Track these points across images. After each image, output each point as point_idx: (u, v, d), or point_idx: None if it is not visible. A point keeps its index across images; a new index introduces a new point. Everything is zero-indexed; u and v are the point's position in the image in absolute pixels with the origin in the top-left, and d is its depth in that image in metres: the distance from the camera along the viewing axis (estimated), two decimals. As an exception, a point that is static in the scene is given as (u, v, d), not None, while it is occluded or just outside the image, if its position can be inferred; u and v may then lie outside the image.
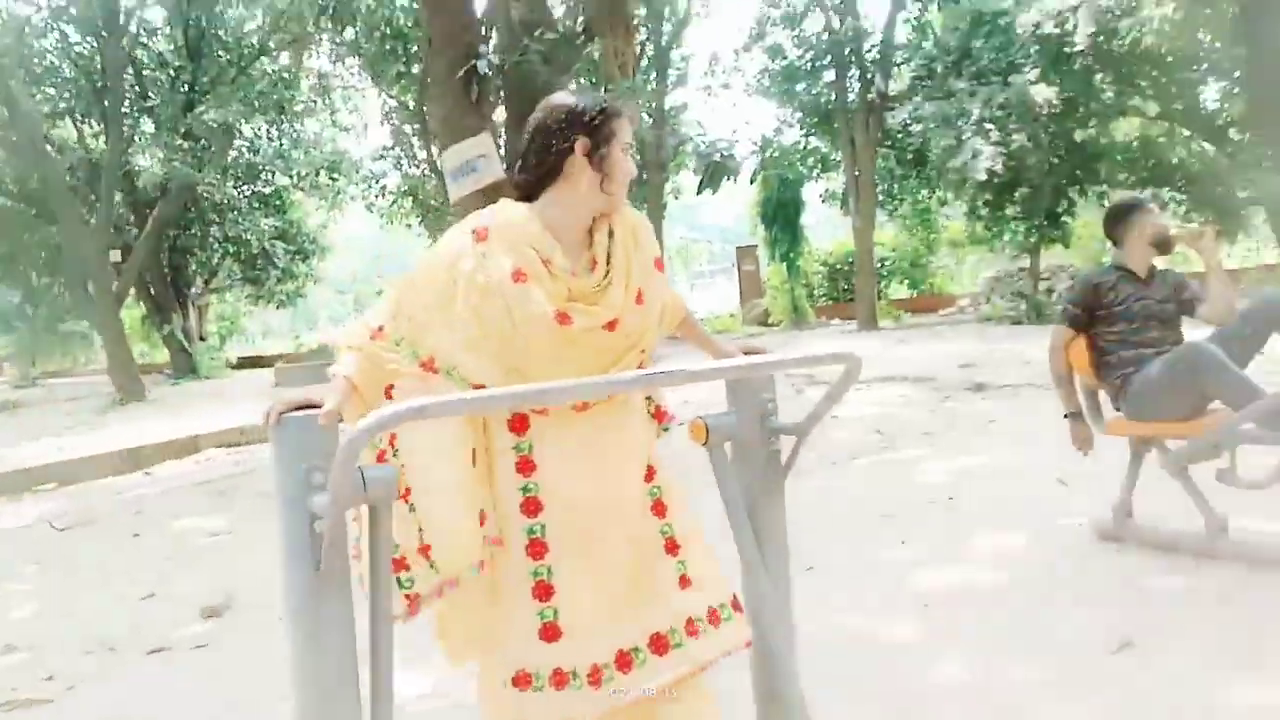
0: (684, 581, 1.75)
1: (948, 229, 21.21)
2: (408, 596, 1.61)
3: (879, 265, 19.45)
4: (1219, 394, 3.13)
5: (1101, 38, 13.00)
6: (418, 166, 17.67)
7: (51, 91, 17.96)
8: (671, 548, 1.77)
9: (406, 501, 1.59)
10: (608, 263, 1.69)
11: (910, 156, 17.43)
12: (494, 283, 1.58)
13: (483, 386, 1.58)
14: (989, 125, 13.53)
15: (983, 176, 13.33)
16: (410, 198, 18.70)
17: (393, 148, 18.22)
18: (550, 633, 1.60)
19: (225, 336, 24.99)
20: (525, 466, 1.65)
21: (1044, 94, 13.20)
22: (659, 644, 1.67)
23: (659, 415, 1.91)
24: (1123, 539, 3.47)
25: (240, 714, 2.81)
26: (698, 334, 1.99)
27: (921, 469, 5.23)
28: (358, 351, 1.60)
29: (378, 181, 19.38)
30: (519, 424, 1.65)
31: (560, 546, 1.64)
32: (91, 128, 18.87)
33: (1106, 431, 3.57)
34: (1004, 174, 13.55)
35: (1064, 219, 15.03)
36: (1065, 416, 3.62)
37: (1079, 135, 14.43)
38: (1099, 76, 14.11)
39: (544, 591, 1.62)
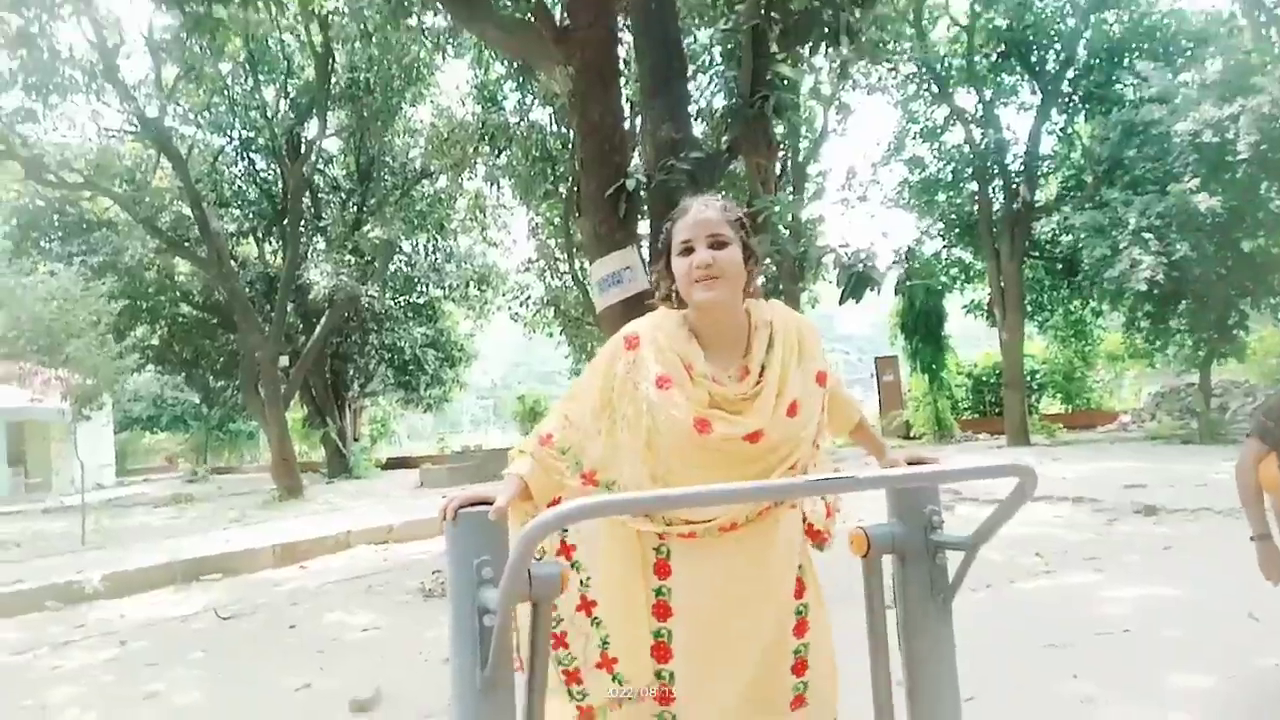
0: (798, 701, 1.73)
1: (1104, 341, 20.19)
2: (580, 709, 1.64)
3: (1029, 378, 18.63)
4: None
5: (1265, 146, 12.35)
6: (560, 278, 18.41)
7: (237, 213, 19.94)
8: (800, 668, 1.74)
9: (590, 615, 1.64)
10: (761, 373, 1.70)
11: (1060, 266, 16.87)
12: (640, 389, 1.63)
13: None
14: (1147, 235, 12.97)
15: (1143, 287, 12.71)
16: (553, 308, 19.43)
17: (537, 260, 19.11)
18: None
19: (376, 438, 26.31)
20: (661, 570, 1.67)
21: (1206, 203, 12.59)
22: None
23: (812, 534, 1.87)
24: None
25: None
26: (871, 440, 1.96)
27: (1090, 597, 4.85)
28: (530, 456, 1.67)
29: (523, 292, 20.29)
30: (660, 533, 1.66)
31: (685, 654, 1.65)
32: (271, 245, 20.78)
33: (1307, 560, 3.23)
34: (1166, 284, 12.87)
35: (1236, 332, 14.07)
36: (1252, 539, 3.31)
37: (1246, 245, 13.61)
38: (1265, 185, 13.37)
39: (664, 697, 1.64)
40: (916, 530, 1.85)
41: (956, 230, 18.14)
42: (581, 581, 1.66)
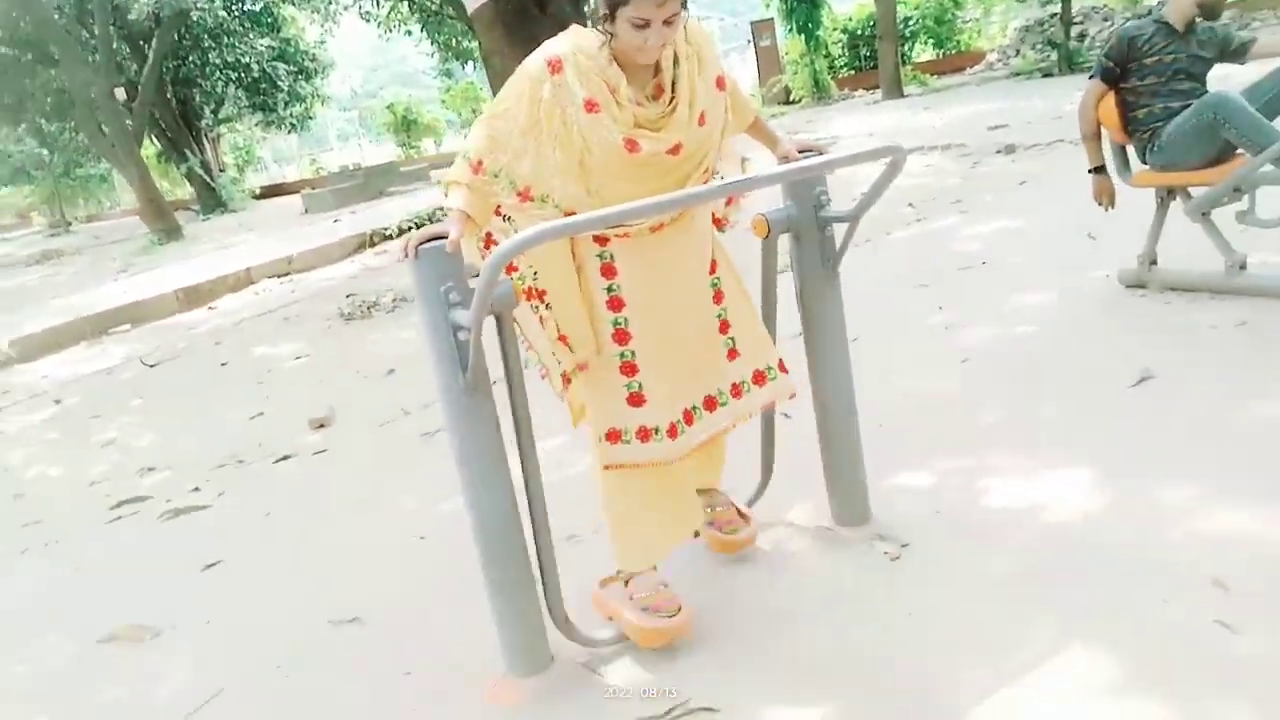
0: (731, 354, 2.13)
1: (974, -22, 19.99)
2: (562, 375, 2.02)
3: (902, 26, 18.54)
4: (1241, 140, 3.25)
5: None
6: (410, -34, 16.82)
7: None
8: (724, 328, 2.12)
9: (543, 302, 1.95)
10: (673, 90, 1.86)
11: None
12: (569, 112, 1.78)
13: (573, 210, 1.82)
14: None
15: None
16: (407, 2, 17.90)
17: (383, -53, 17.27)
18: (635, 400, 1.99)
19: (242, 167, 24.89)
20: (608, 271, 1.96)
21: None
22: (709, 403, 2.08)
23: (717, 222, 2.20)
24: (1147, 285, 3.71)
25: (370, 505, 3.27)
26: (765, 134, 2.20)
27: (954, 237, 5.42)
28: (465, 187, 1.84)
29: (370, -13, 18.49)
30: (601, 238, 1.92)
31: (640, 335, 1.98)
32: (69, -41, 18.04)
33: (1133, 184, 3.72)
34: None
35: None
36: (1090, 171, 3.77)
37: None
38: None
39: (629, 369, 1.98)
40: (808, 210, 2.15)
41: None
42: (524, 276, 1.97)
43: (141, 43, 18.06)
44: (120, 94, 16.72)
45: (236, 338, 6.76)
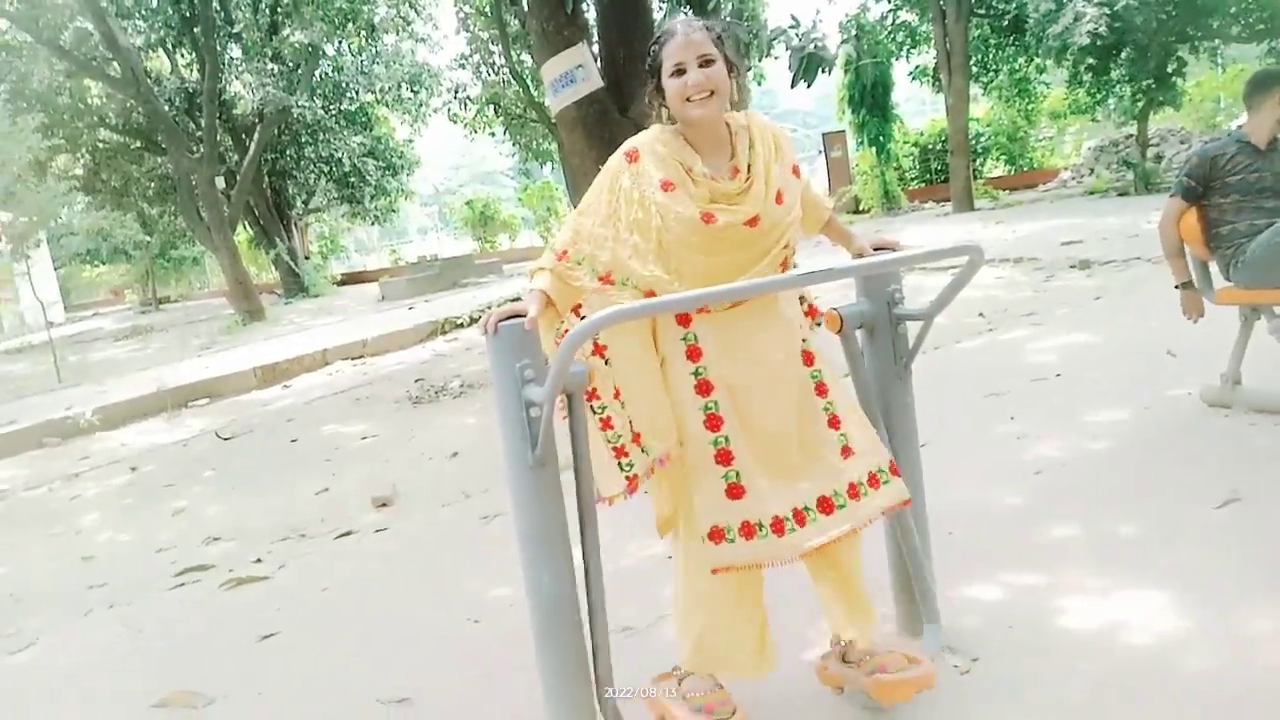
0: (846, 451, 2.01)
1: (1047, 99, 20.22)
2: (628, 479, 1.93)
3: (974, 142, 18.77)
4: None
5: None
6: (497, 73, 17.69)
7: (142, 24, 18.48)
8: (834, 423, 2.02)
9: (618, 400, 1.93)
10: (748, 170, 1.93)
11: (1006, 24, 16.59)
12: (647, 194, 1.87)
13: (653, 292, 1.85)
14: (1091, -15, 12.77)
15: (1086, 40, 12.68)
16: (492, 106, 18.80)
17: (471, 55, 18.25)
18: (735, 491, 1.89)
19: (326, 255, 25.98)
20: (693, 354, 1.94)
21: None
22: (825, 505, 1.94)
23: (811, 312, 2.16)
24: (1230, 405, 3.58)
25: (428, 583, 3.26)
26: (840, 232, 2.21)
27: (1027, 348, 5.34)
28: (549, 272, 1.90)
29: (460, 91, 19.50)
30: (684, 319, 1.94)
31: (732, 419, 1.92)
32: (183, 57, 19.45)
33: (1217, 301, 3.64)
34: (1108, 35, 12.82)
35: (1174, 80, 14.21)
36: (1177, 287, 3.70)
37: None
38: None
39: (724, 457, 1.90)
40: (882, 307, 2.15)
41: (902, -9, 17.60)
42: (616, 370, 1.95)
43: (243, 135, 19.23)
44: (220, 182, 17.73)
45: (308, 415, 6.94)
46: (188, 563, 3.92)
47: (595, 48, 6.02)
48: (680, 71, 1.85)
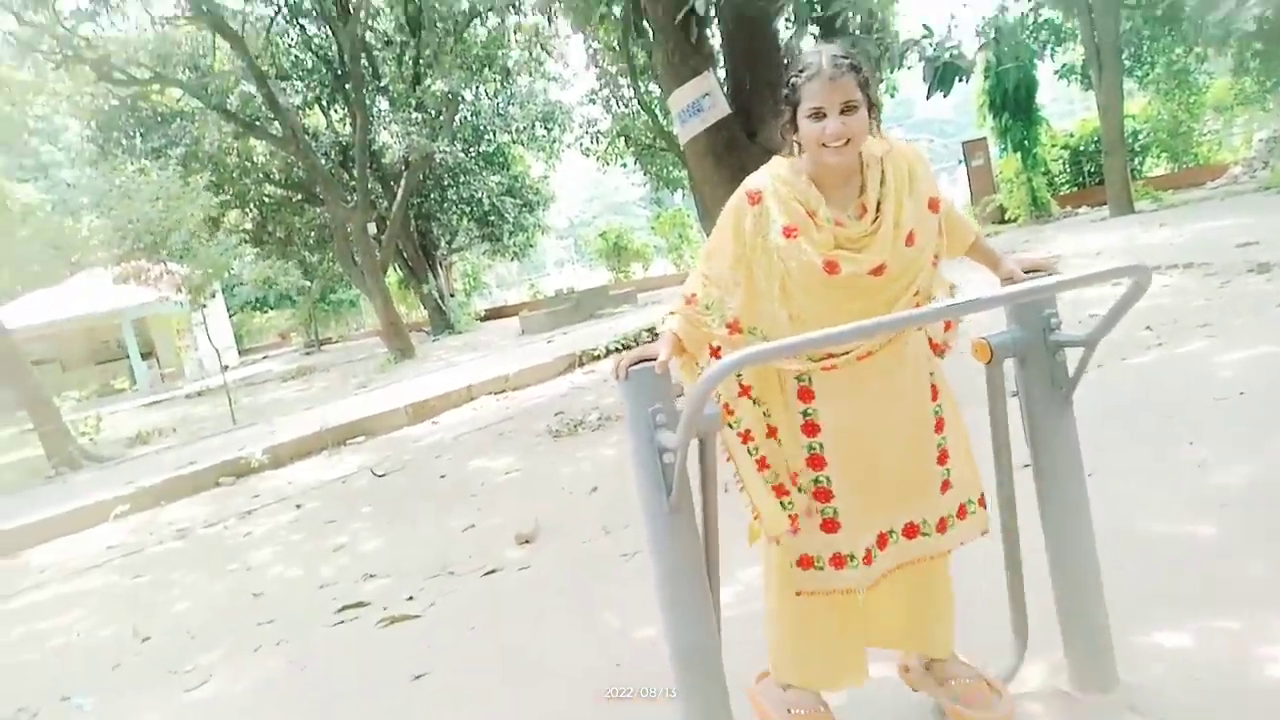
0: (945, 486, 1.99)
1: (1210, 90, 18.79)
2: (790, 517, 1.93)
3: (1130, 140, 17.62)
4: None
5: None
6: (626, 105, 18.01)
7: (299, 84, 19.89)
8: (943, 458, 1.99)
9: (773, 439, 1.93)
10: (877, 209, 1.82)
11: (1160, 14, 15.56)
12: (770, 240, 1.81)
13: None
14: (1257, -35, 11.82)
15: (1252, 26, 11.72)
16: (623, 138, 19.14)
17: (601, 90, 18.66)
18: (829, 526, 1.93)
19: (469, 292, 27.04)
20: (805, 395, 1.91)
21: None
22: (910, 530, 1.96)
23: (935, 347, 2.05)
24: None
25: (572, 624, 3.26)
26: (986, 254, 2.08)
27: (1203, 363, 4.90)
28: (680, 316, 1.90)
29: (591, 126, 19.96)
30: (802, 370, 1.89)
31: (836, 462, 1.91)
32: (336, 113, 20.79)
33: None
34: (1276, 19, 11.81)
35: (1358, 60, 12.94)
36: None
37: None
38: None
39: (823, 495, 1.92)
40: (1036, 334, 2.00)
41: (1043, -12, 16.80)
42: (765, 413, 1.93)
43: (391, 182, 20.33)
44: (371, 228, 18.78)
45: (455, 451, 7.16)
46: (347, 599, 4.08)
47: (721, 73, 6.00)
48: (820, 114, 1.75)
